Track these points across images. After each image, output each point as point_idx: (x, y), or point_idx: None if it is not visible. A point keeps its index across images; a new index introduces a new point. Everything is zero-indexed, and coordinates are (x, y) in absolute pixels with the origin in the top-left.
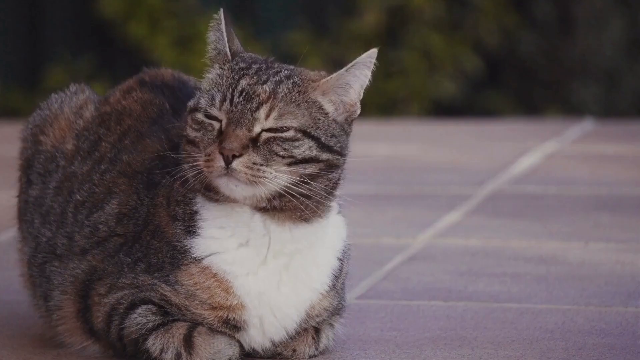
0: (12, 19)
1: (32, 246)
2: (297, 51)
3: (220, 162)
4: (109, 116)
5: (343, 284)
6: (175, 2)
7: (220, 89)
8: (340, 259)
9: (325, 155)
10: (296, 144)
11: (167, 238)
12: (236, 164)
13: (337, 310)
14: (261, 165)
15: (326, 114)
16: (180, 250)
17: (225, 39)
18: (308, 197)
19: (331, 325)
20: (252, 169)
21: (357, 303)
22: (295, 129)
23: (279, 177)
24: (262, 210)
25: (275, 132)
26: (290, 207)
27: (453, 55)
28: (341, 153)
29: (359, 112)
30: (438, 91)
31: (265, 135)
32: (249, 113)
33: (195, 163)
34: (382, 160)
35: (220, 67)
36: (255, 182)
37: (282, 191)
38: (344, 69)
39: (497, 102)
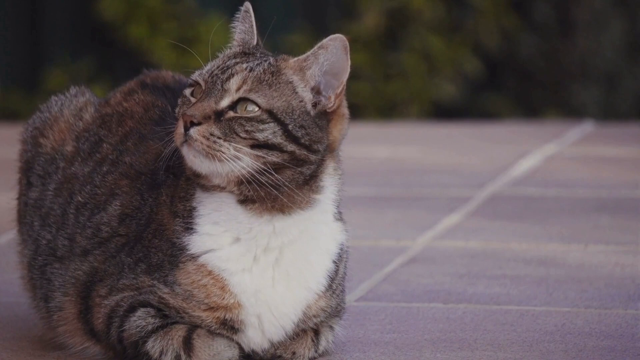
0: (12, 21)
1: (32, 248)
2: (296, 53)
3: (181, 129)
4: (110, 118)
5: (342, 286)
6: (174, 5)
7: (211, 64)
8: (335, 262)
9: (290, 147)
10: (261, 126)
11: (167, 235)
12: (193, 131)
13: (336, 312)
14: (218, 138)
15: (301, 100)
16: (178, 247)
17: (255, 30)
18: (276, 187)
19: (331, 327)
20: (208, 139)
21: (357, 305)
22: (263, 109)
23: (241, 157)
24: (241, 202)
25: (241, 111)
26: (260, 196)
27: (453, 57)
28: (310, 148)
29: (331, 105)
30: (438, 93)
31: (230, 114)
32: (219, 84)
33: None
34: (382, 163)
35: (232, 48)
36: (211, 154)
37: (245, 177)
38: (313, 48)
39: (497, 104)
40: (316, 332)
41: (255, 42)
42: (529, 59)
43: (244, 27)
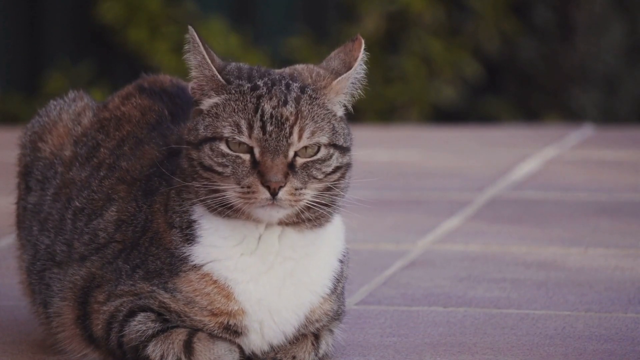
0: (12, 25)
1: (30, 253)
2: (296, 57)
3: (265, 195)
4: (108, 122)
5: (343, 287)
6: (174, 8)
7: (239, 115)
8: (341, 261)
9: (345, 159)
10: (330, 162)
11: (165, 245)
12: (282, 194)
13: (337, 315)
14: (301, 188)
15: (337, 116)
16: (178, 257)
17: (209, 61)
18: (332, 203)
19: (330, 331)
20: (294, 195)
21: (357, 309)
22: (325, 145)
23: (311, 192)
24: (285, 223)
25: (308, 155)
26: (316, 216)
27: (453, 60)
28: (350, 148)
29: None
30: (438, 97)
31: (300, 160)
32: (284, 140)
33: (225, 193)
34: (382, 166)
35: (219, 94)
36: (295, 205)
37: (311, 204)
38: (352, 69)
39: (497, 108)
40: (316, 336)
41: (216, 74)
42: (528, 62)
43: (196, 60)
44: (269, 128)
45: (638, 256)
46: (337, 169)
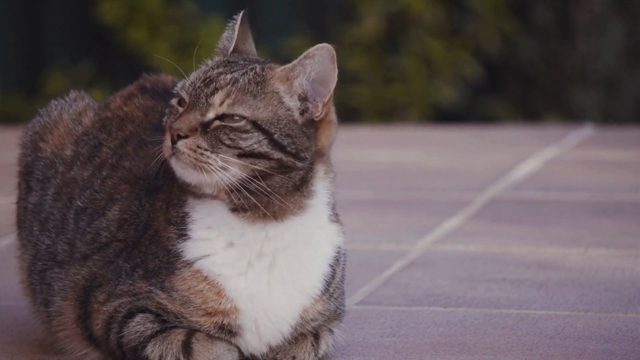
0: (12, 25)
1: (31, 253)
2: (297, 57)
3: (168, 142)
4: (110, 122)
5: (340, 289)
6: (175, 8)
7: (196, 74)
8: (331, 265)
9: (277, 154)
10: (244, 135)
11: (162, 242)
12: (180, 144)
13: (336, 316)
14: (205, 150)
15: (287, 109)
16: (173, 254)
17: (235, 36)
18: (266, 194)
19: (330, 331)
20: (195, 152)
21: (357, 309)
22: (247, 120)
23: (227, 168)
24: (233, 210)
25: (226, 121)
26: (250, 204)
27: (453, 61)
28: (297, 156)
29: (318, 114)
30: (438, 97)
31: (216, 123)
32: (204, 98)
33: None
34: (382, 166)
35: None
36: (199, 166)
37: (234, 185)
38: (300, 57)
39: (497, 108)
40: (316, 336)
41: (232, 48)
42: (529, 62)
43: (227, 34)
44: (198, 85)
45: (638, 256)
46: (260, 155)
